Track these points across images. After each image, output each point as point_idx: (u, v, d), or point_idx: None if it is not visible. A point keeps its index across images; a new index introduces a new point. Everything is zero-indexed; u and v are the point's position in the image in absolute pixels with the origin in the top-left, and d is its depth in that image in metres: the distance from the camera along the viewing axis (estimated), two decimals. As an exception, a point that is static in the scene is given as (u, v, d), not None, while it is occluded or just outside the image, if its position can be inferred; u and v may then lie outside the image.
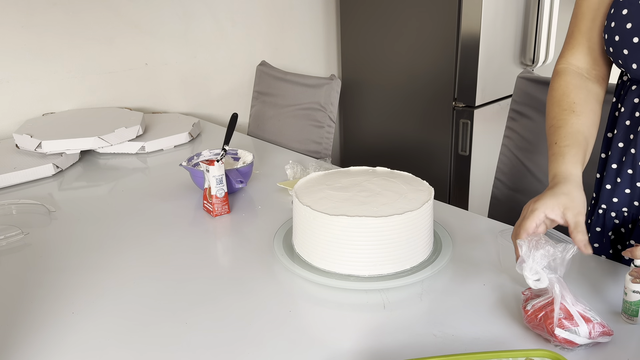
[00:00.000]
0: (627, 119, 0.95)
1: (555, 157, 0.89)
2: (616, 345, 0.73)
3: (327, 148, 1.80)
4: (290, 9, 2.38)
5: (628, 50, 0.88)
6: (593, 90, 0.96)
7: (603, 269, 0.93)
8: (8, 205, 1.24)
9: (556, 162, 0.88)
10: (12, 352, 0.77)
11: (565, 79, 0.97)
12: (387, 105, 2.38)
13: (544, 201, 0.81)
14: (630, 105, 0.94)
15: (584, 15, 0.96)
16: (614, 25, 0.89)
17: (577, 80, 0.96)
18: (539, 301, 0.75)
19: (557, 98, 0.96)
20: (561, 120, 0.93)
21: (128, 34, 1.91)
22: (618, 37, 0.89)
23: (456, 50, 2.07)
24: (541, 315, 0.73)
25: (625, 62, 0.90)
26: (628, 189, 0.95)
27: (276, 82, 1.99)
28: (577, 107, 0.93)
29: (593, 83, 0.97)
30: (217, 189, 1.15)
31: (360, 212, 0.89)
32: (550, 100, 0.98)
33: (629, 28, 0.87)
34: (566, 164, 0.87)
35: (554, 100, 0.97)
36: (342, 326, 0.81)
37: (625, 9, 0.87)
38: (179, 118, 1.85)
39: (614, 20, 0.89)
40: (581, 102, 0.94)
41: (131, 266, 0.99)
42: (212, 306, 0.86)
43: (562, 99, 0.95)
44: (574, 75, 0.97)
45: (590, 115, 0.93)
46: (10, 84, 1.70)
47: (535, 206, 0.81)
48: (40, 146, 1.47)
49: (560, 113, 0.94)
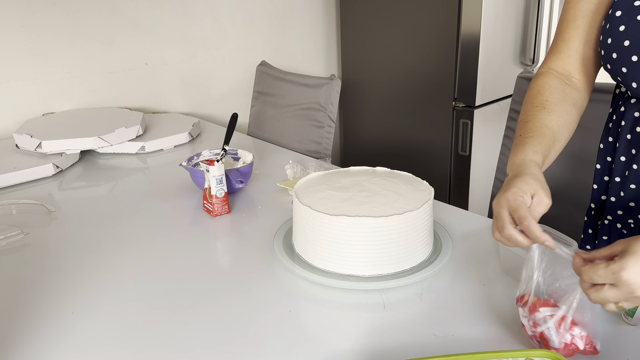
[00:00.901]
0: (627, 133, 0.92)
1: (516, 147, 0.85)
2: (616, 346, 0.73)
3: (327, 148, 1.80)
4: (290, 9, 2.38)
5: (627, 69, 0.85)
6: (570, 95, 0.93)
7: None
8: (8, 205, 1.24)
9: (516, 152, 0.84)
10: (12, 352, 0.77)
11: (543, 79, 0.94)
12: (387, 105, 2.38)
13: (519, 187, 0.75)
14: (631, 119, 0.91)
15: (569, 23, 0.93)
16: (610, 42, 0.86)
17: (554, 82, 0.93)
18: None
19: (531, 96, 0.93)
20: (530, 115, 0.89)
21: (128, 34, 1.91)
22: (616, 54, 0.85)
23: (456, 50, 2.07)
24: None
25: (625, 80, 0.87)
26: (632, 202, 0.94)
27: (276, 82, 1.99)
28: (549, 105, 0.89)
29: (572, 89, 0.94)
30: (217, 189, 1.15)
31: (360, 212, 0.89)
32: (525, 100, 0.95)
33: (627, 46, 0.84)
34: (526, 152, 0.83)
35: (527, 98, 0.94)
36: (342, 326, 0.81)
37: (623, 26, 0.84)
38: (179, 118, 1.85)
39: (610, 37, 0.86)
40: (554, 101, 0.91)
41: (131, 266, 0.99)
42: (212, 306, 0.86)
43: (535, 97, 0.92)
44: (553, 78, 0.94)
45: (562, 114, 0.89)
46: (10, 84, 1.70)
47: (515, 194, 0.74)
48: (40, 146, 1.47)
49: (530, 109, 0.91)
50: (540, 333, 0.71)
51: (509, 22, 2.09)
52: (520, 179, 0.77)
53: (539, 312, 0.71)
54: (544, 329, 0.70)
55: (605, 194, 1.00)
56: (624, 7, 0.85)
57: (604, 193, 1.00)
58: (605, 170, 0.99)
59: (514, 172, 0.80)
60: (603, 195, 1.00)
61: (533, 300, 0.73)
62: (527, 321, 0.73)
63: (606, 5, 0.89)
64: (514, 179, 0.78)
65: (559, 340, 0.70)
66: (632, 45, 0.83)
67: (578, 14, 0.92)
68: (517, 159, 0.83)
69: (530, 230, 0.71)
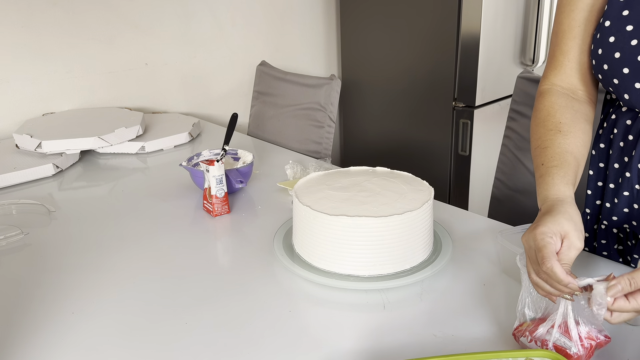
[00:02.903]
0: (620, 141, 0.91)
1: (543, 178, 0.80)
2: (616, 346, 0.73)
3: (327, 148, 1.80)
4: (290, 9, 2.38)
5: (618, 80, 0.83)
6: (581, 110, 0.89)
7: (611, 269, 0.93)
8: (8, 205, 1.24)
9: (545, 185, 0.79)
10: (12, 352, 0.77)
11: (550, 99, 0.90)
12: (387, 105, 2.38)
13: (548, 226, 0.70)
14: (623, 127, 0.90)
15: (564, 33, 0.90)
16: (601, 52, 0.84)
17: (562, 100, 0.89)
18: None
19: (542, 119, 0.88)
20: (547, 140, 0.85)
21: (128, 34, 1.91)
22: (607, 66, 0.83)
23: (456, 50, 2.07)
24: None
25: (617, 91, 0.85)
26: (626, 208, 0.93)
27: (276, 82, 1.99)
28: (564, 127, 0.85)
29: (580, 103, 0.90)
30: (217, 189, 1.15)
31: (360, 212, 0.89)
32: (535, 122, 0.90)
33: (618, 58, 0.81)
34: (556, 185, 0.78)
35: (539, 121, 0.89)
36: (342, 326, 0.81)
37: (612, 37, 0.82)
38: (179, 118, 1.85)
39: (600, 47, 0.84)
40: (568, 122, 0.86)
41: (131, 266, 0.99)
42: (212, 306, 0.86)
43: (547, 119, 0.88)
44: (559, 95, 0.90)
45: (579, 134, 0.85)
46: (10, 84, 1.70)
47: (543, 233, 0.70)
48: (40, 146, 1.47)
49: (545, 134, 0.86)
50: (554, 346, 0.69)
51: (509, 22, 2.09)
52: (552, 217, 0.72)
53: (538, 330, 0.70)
54: (553, 341, 0.69)
55: (600, 199, 0.99)
56: (612, 17, 0.83)
57: (598, 198, 1.00)
58: (599, 176, 0.98)
59: (547, 208, 0.75)
60: (598, 200, 1.00)
61: (528, 324, 0.72)
62: (534, 345, 0.71)
63: (598, 12, 0.87)
64: (546, 216, 0.73)
65: (574, 344, 0.68)
66: (622, 58, 0.81)
67: (573, 24, 0.89)
68: (550, 193, 0.78)
69: (554, 272, 0.66)
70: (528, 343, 0.71)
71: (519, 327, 0.74)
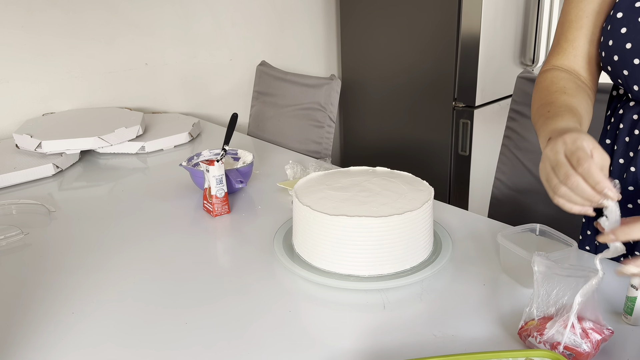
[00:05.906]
0: (626, 136, 0.91)
1: (548, 120, 0.77)
2: (616, 345, 0.73)
3: (327, 148, 1.80)
4: (290, 9, 2.38)
5: (628, 72, 0.84)
6: (584, 87, 0.89)
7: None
8: (8, 205, 1.24)
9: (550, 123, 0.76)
10: (12, 352, 0.77)
11: (553, 73, 0.90)
12: (387, 105, 2.38)
13: (578, 133, 0.66)
14: (629, 122, 0.91)
15: (571, 23, 0.91)
16: (611, 43, 0.84)
17: (566, 74, 0.90)
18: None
19: (545, 86, 0.88)
20: (552, 98, 0.83)
21: (128, 34, 1.91)
22: (617, 57, 0.84)
23: (456, 50, 2.07)
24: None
25: (626, 83, 0.86)
26: (630, 204, 0.93)
27: (276, 82, 1.99)
28: (569, 91, 0.85)
29: (583, 84, 0.91)
30: (217, 189, 1.15)
31: (360, 212, 0.89)
32: (538, 90, 0.89)
33: (629, 48, 0.82)
34: (565, 121, 0.75)
35: (542, 88, 0.88)
36: (342, 326, 0.81)
37: (624, 28, 0.82)
38: (179, 118, 1.85)
39: (611, 39, 0.84)
40: (573, 88, 0.86)
41: (131, 266, 0.99)
42: (212, 306, 0.86)
43: (550, 85, 0.87)
44: (562, 71, 0.91)
45: (582, 101, 0.84)
46: (10, 84, 1.70)
47: (574, 137, 0.65)
48: (40, 146, 1.47)
49: (549, 95, 0.85)
50: (565, 348, 0.69)
51: (509, 22, 2.09)
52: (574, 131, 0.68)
53: (547, 329, 0.70)
54: (564, 342, 0.69)
55: None
56: (625, 8, 0.84)
57: None
58: None
59: (560, 132, 0.71)
60: None
61: (536, 324, 0.72)
62: (543, 347, 0.70)
63: (608, 5, 0.88)
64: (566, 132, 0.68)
65: (587, 344, 0.68)
66: (634, 48, 0.82)
67: (581, 14, 0.90)
68: (559, 125, 0.73)
69: (590, 173, 0.63)
70: (537, 344, 0.71)
71: (524, 326, 0.74)
